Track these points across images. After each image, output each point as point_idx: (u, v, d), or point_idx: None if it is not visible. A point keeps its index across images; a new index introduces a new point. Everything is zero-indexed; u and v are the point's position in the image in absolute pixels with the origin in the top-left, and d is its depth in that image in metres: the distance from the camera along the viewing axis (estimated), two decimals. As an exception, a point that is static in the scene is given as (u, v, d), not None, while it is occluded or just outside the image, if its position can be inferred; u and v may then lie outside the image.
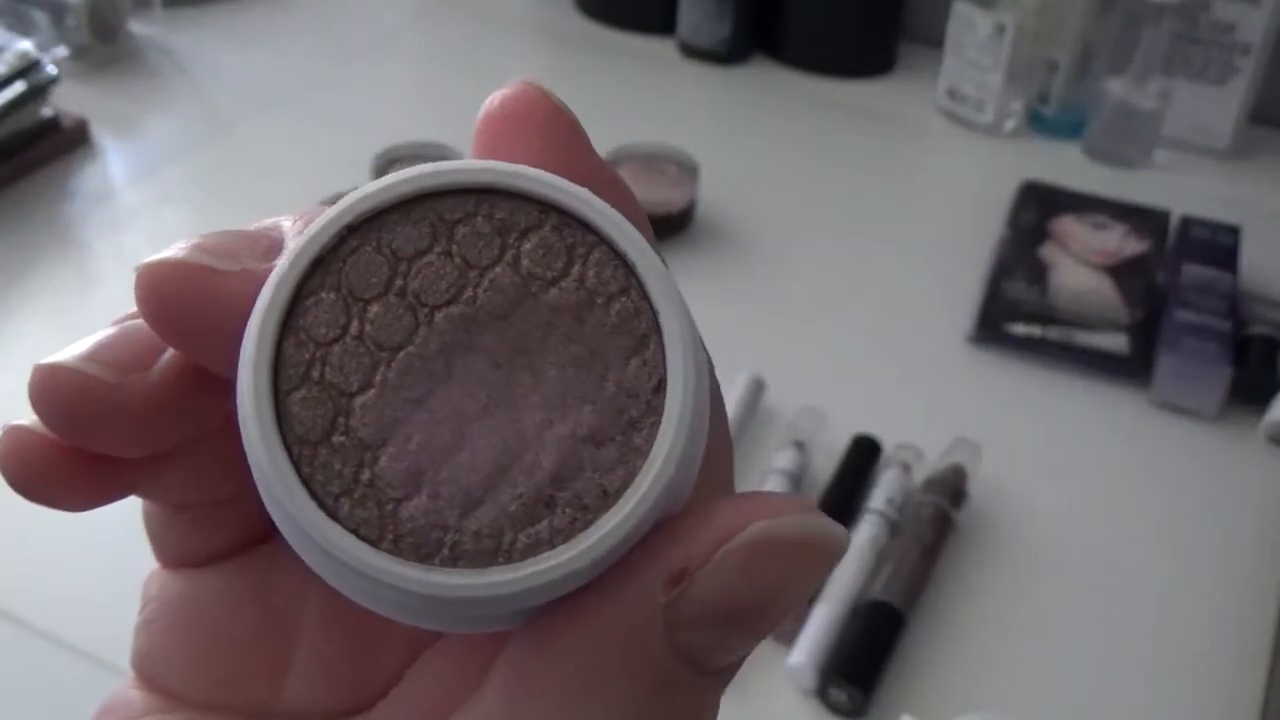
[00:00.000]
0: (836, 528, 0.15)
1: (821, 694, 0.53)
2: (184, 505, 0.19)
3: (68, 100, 0.88)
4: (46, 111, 0.86)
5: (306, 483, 0.15)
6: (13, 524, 0.58)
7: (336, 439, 0.15)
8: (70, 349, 0.16)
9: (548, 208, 0.16)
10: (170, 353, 0.16)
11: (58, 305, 0.75)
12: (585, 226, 0.16)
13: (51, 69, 0.86)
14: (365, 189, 0.16)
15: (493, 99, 0.17)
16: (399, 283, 0.15)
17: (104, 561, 0.58)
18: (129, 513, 0.20)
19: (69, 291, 0.77)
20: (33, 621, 0.56)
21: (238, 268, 0.16)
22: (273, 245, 0.16)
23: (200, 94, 0.97)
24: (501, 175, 0.16)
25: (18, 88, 0.83)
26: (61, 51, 0.93)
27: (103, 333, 0.16)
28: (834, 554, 0.15)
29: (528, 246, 0.16)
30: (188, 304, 0.16)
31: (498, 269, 0.15)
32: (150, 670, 0.19)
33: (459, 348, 0.15)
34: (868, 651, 0.54)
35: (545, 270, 0.16)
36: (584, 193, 0.16)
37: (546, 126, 0.17)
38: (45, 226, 0.81)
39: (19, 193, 0.83)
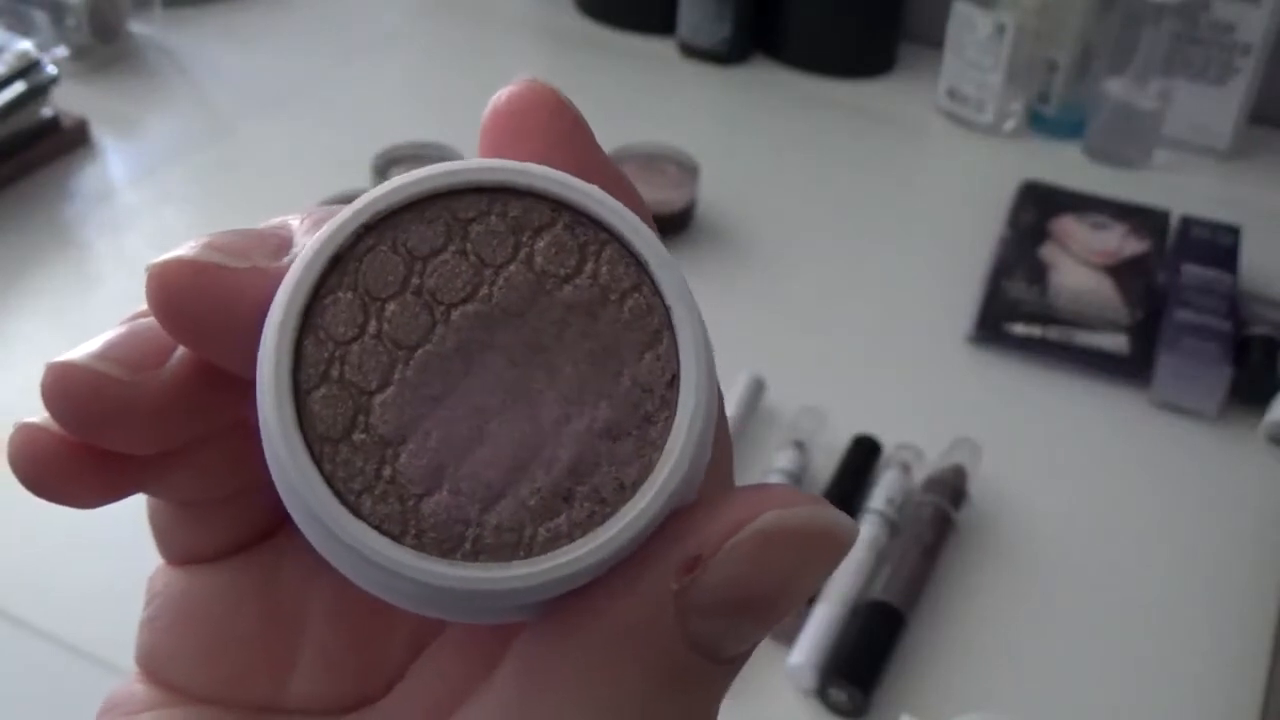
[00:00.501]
0: (845, 519, 0.15)
1: (821, 694, 0.53)
2: (190, 501, 0.19)
3: (68, 100, 0.88)
4: (46, 111, 0.86)
5: (329, 480, 0.15)
6: (13, 523, 0.59)
7: (357, 436, 0.15)
8: (82, 347, 0.16)
9: (560, 206, 0.16)
10: (181, 351, 0.16)
11: (58, 305, 0.75)
12: (597, 224, 0.16)
13: (51, 69, 0.86)
14: (380, 189, 0.16)
15: (499, 97, 0.17)
16: (415, 281, 0.16)
17: (104, 561, 0.58)
18: (130, 512, 0.20)
19: (69, 291, 0.77)
20: (33, 621, 0.56)
21: (248, 265, 0.16)
22: (282, 244, 0.16)
23: (200, 94, 0.97)
24: (514, 174, 0.16)
25: (18, 88, 0.83)
26: (61, 51, 0.93)
27: (113, 331, 0.16)
28: (843, 544, 0.15)
29: (541, 244, 0.16)
30: (199, 302, 0.16)
31: (512, 267, 0.16)
32: (155, 666, 0.19)
33: (476, 345, 0.15)
34: (868, 651, 0.54)
35: (559, 268, 0.16)
36: (595, 190, 0.16)
37: (552, 124, 0.17)
38: (45, 226, 0.81)
39: (19, 193, 0.83)
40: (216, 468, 0.18)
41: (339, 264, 0.16)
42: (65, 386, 0.16)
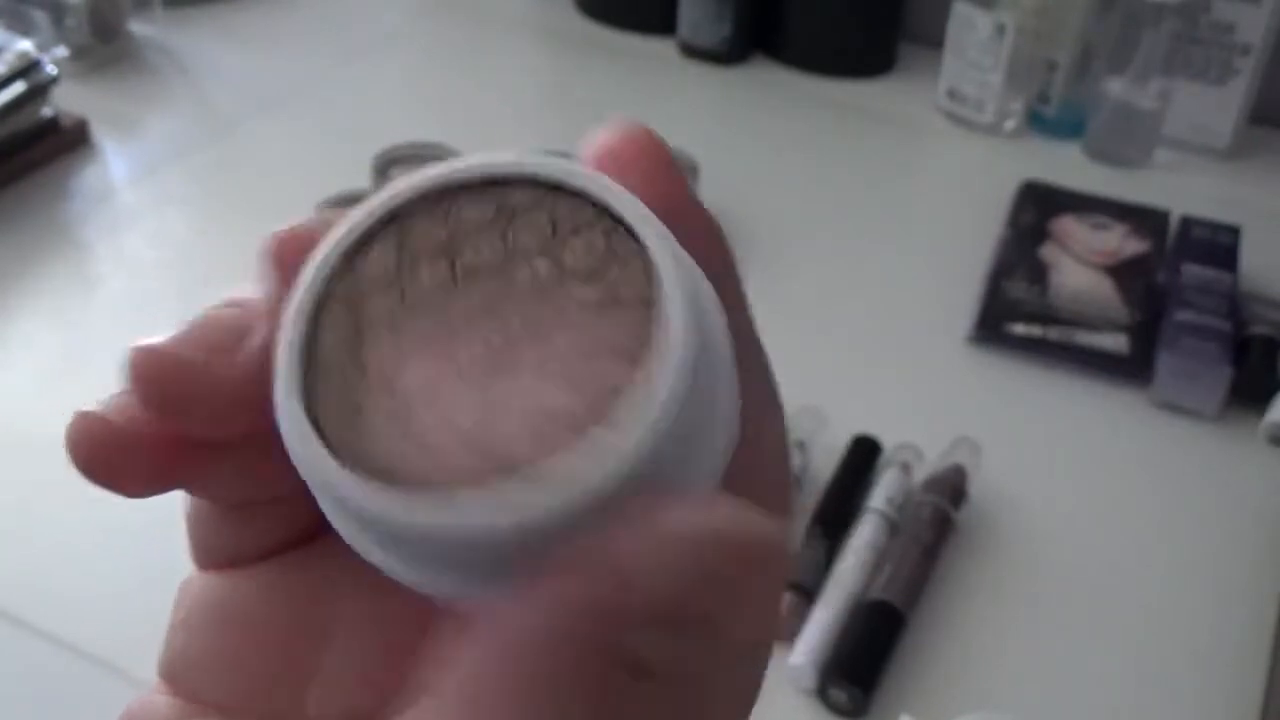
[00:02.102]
0: (769, 526, 0.15)
1: (821, 694, 0.53)
2: (229, 503, 0.19)
3: (68, 100, 0.88)
4: (46, 111, 0.86)
5: (315, 422, 0.16)
6: (13, 524, 0.59)
7: (350, 374, 0.16)
8: (163, 335, 0.18)
9: (604, 214, 0.17)
10: (256, 339, 0.17)
11: (58, 305, 0.75)
12: (633, 238, 0.17)
13: (51, 69, 0.86)
14: (442, 167, 0.17)
15: (601, 141, 0.18)
16: (452, 247, 0.17)
17: (104, 561, 0.58)
18: (129, 514, 0.20)
19: (69, 291, 0.77)
20: (33, 621, 0.56)
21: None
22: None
23: (200, 94, 0.97)
24: (571, 176, 0.17)
25: (18, 88, 0.83)
26: (61, 51, 0.93)
27: (191, 319, 0.18)
28: (768, 554, 0.15)
29: (575, 243, 0.17)
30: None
31: (541, 259, 0.17)
32: (180, 671, 0.19)
33: (483, 313, 0.16)
34: (868, 651, 0.54)
35: (583, 267, 0.17)
36: (641, 208, 0.17)
37: (652, 170, 0.18)
38: (45, 226, 0.81)
39: (19, 193, 0.83)
40: (258, 467, 0.18)
41: (397, 219, 0.17)
42: (150, 369, 0.17)
